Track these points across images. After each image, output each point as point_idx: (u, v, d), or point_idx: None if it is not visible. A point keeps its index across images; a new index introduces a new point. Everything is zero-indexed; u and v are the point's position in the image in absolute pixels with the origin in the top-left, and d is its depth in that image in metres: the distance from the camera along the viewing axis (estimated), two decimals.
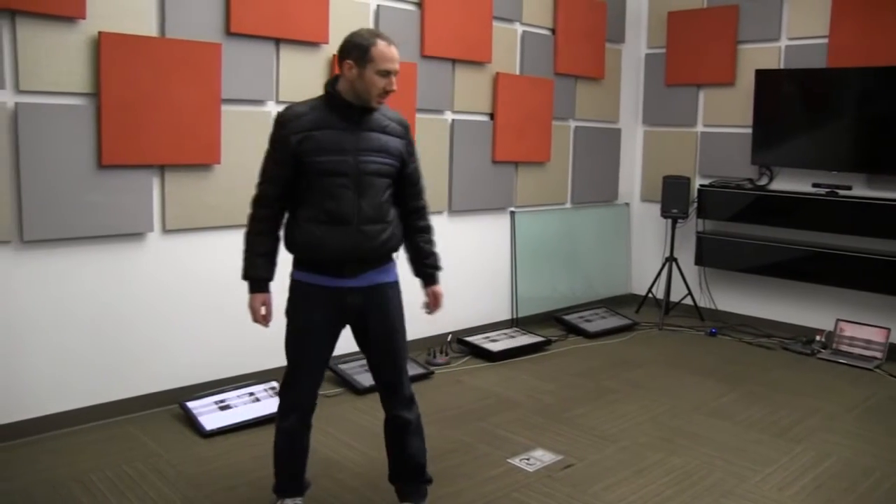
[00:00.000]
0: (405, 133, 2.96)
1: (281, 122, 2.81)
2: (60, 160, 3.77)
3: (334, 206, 2.77)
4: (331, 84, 2.84)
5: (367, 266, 2.88)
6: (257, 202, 2.88)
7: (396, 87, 2.81)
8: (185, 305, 4.30)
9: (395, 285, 3.00)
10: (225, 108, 4.30)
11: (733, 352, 5.74)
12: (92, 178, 3.87)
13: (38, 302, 3.80)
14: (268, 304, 2.93)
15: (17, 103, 3.62)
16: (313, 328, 2.90)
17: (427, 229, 3.11)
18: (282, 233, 2.92)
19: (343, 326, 2.97)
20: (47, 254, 3.81)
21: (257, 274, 2.89)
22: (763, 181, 6.27)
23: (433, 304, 3.15)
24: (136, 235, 4.09)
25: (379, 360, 3.00)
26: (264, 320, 2.93)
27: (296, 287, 2.92)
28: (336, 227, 2.78)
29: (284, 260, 2.95)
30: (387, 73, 2.75)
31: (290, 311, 2.93)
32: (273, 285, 2.95)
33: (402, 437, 3.06)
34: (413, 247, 3.08)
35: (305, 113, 2.80)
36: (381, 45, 2.73)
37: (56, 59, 3.72)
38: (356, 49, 2.74)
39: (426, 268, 3.11)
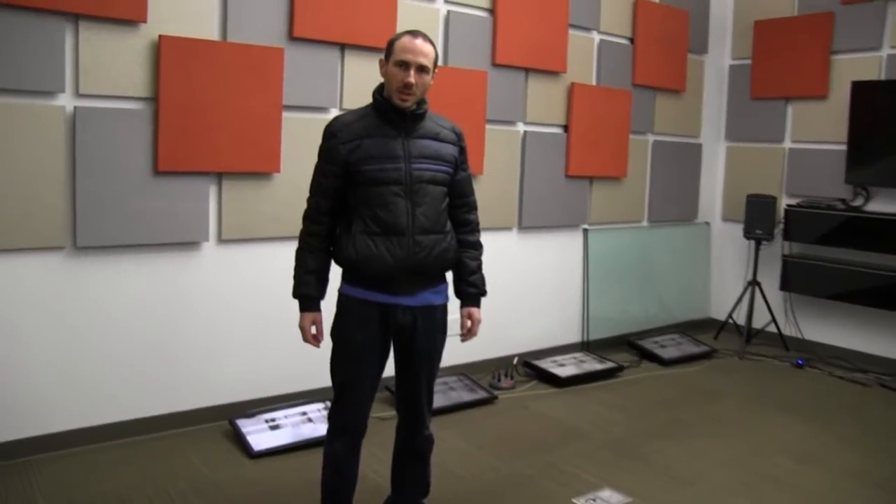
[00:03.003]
0: (458, 140, 2.82)
1: (330, 132, 2.70)
2: (117, 165, 3.69)
3: (387, 215, 2.61)
4: (378, 91, 2.72)
5: (423, 284, 2.72)
6: (308, 217, 2.77)
7: (414, 80, 2.61)
8: (239, 318, 4.16)
9: (445, 307, 2.84)
10: (286, 115, 4.16)
11: (823, 387, 5.32)
12: (148, 184, 3.77)
13: (89, 309, 3.71)
14: (318, 323, 2.78)
15: (75, 107, 3.56)
16: (363, 346, 2.72)
17: (476, 245, 2.91)
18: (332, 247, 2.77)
19: (391, 344, 2.80)
20: (100, 260, 3.72)
21: (308, 292, 2.75)
22: (858, 202, 5.86)
23: (468, 329, 2.91)
24: (191, 244, 3.97)
25: (414, 381, 2.84)
26: (315, 340, 2.79)
27: (345, 302, 2.75)
28: (389, 238, 2.62)
29: (336, 278, 2.78)
30: (403, 64, 2.61)
31: (338, 328, 2.76)
32: (324, 304, 2.79)
33: (422, 463, 3.00)
34: (457, 261, 2.85)
35: (354, 121, 2.69)
36: (405, 38, 2.66)
37: (116, 63, 3.65)
38: (387, 47, 2.69)
39: (468, 286, 2.88)
